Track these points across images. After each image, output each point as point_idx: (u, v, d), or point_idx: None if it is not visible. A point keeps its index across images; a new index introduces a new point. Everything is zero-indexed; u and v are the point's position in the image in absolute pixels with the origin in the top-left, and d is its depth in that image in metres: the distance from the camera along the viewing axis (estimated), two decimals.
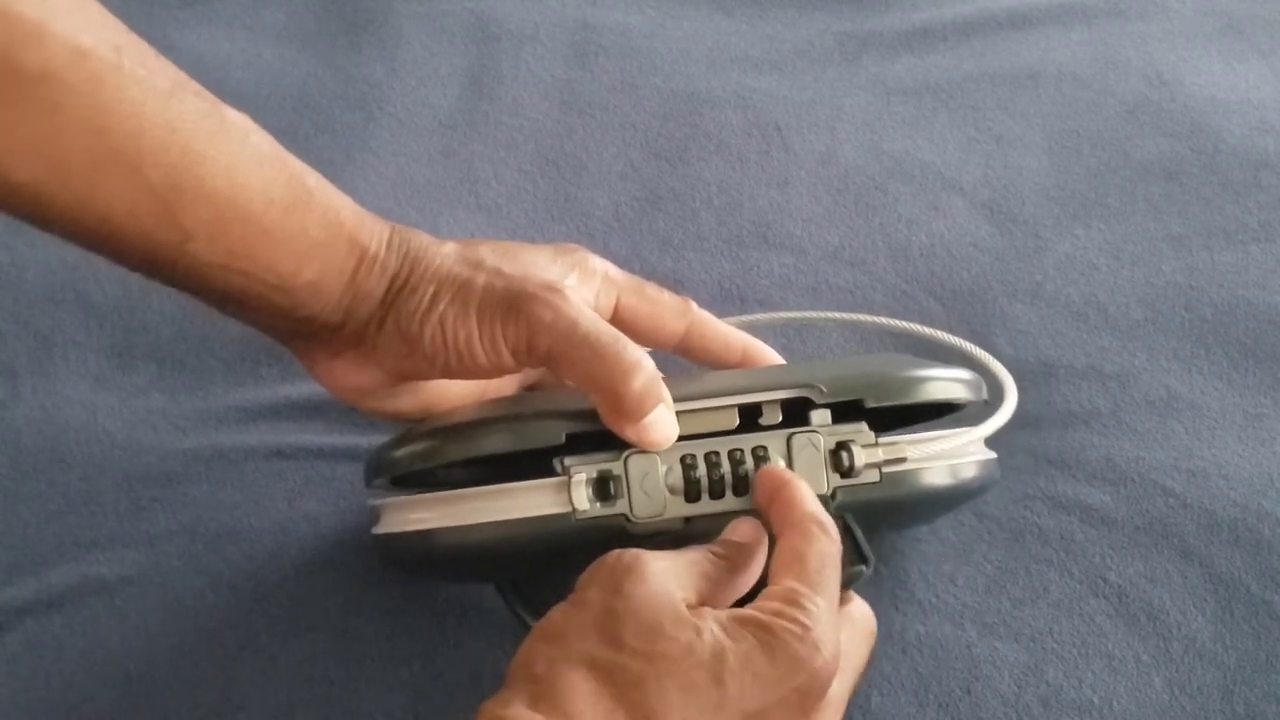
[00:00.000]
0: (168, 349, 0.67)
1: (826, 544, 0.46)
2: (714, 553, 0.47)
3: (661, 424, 0.49)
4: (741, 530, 0.48)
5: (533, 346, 0.50)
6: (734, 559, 0.47)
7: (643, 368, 0.48)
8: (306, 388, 0.63)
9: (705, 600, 0.45)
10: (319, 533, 0.59)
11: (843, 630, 0.46)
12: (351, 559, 0.58)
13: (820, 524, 0.46)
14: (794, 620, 0.43)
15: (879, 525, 0.49)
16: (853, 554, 0.49)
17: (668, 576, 0.44)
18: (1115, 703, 0.52)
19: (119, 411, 0.64)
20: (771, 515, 0.47)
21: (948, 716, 0.52)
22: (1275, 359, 0.65)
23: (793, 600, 0.44)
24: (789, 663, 0.42)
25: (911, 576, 0.57)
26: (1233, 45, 0.83)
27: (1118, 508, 0.59)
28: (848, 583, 0.48)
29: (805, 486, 0.48)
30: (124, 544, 0.58)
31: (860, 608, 0.49)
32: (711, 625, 0.43)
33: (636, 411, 0.48)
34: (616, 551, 0.45)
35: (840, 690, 0.45)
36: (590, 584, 0.45)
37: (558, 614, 0.44)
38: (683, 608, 0.43)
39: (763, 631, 0.43)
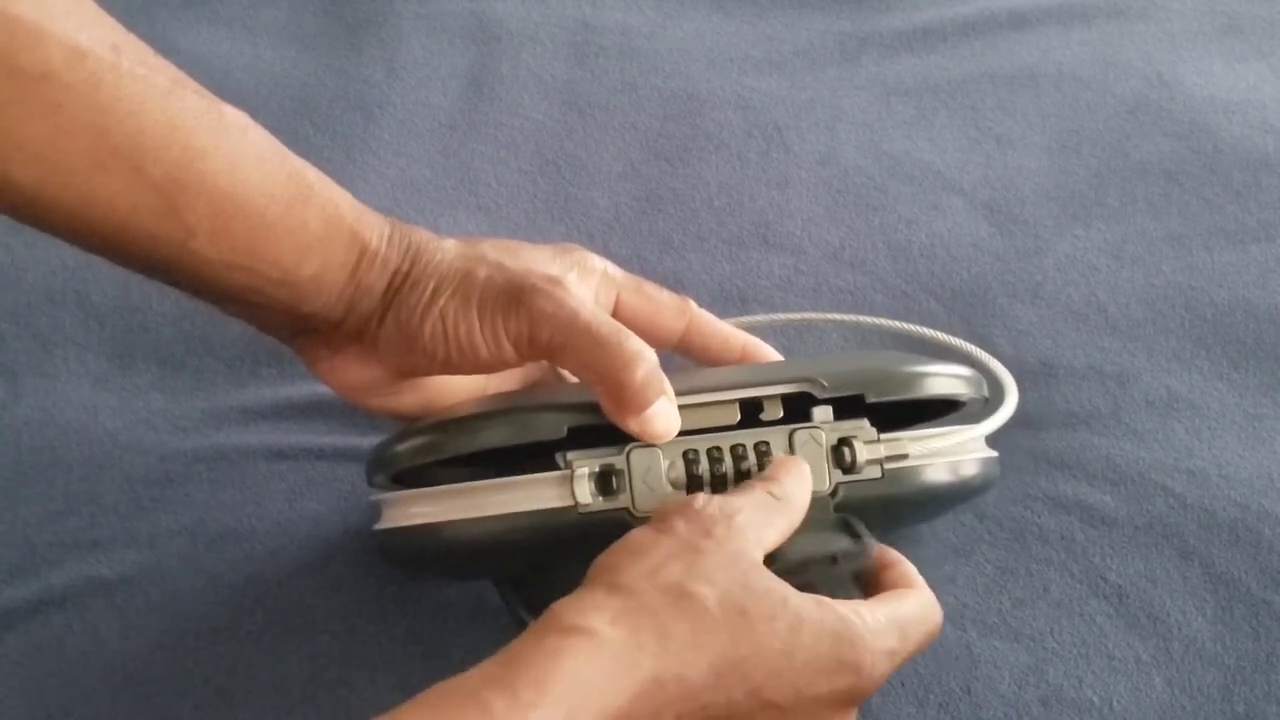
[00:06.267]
0: (168, 349, 0.67)
1: (934, 613, 0.47)
2: (772, 495, 0.47)
3: (663, 416, 0.49)
4: (790, 468, 0.49)
5: (534, 338, 0.50)
6: (788, 512, 0.47)
7: (644, 358, 0.49)
8: (307, 388, 0.63)
9: (768, 550, 0.46)
10: (319, 533, 0.59)
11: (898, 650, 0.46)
12: (351, 559, 0.58)
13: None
14: (876, 633, 0.44)
15: (880, 523, 0.49)
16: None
17: (747, 534, 0.45)
18: (1115, 703, 0.52)
19: (119, 412, 0.64)
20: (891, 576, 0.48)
21: (948, 716, 0.52)
22: (1275, 359, 0.65)
23: (883, 629, 0.44)
24: (849, 660, 0.43)
25: None
26: (1233, 45, 0.83)
27: (1118, 508, 0.59)
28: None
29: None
30: (124, 544, 0.58)
31: (930, 621, 0.48)
32: (793, 597, 0.43)
33: (638, 402, 0.48)
34: (704, 495, 0.46)
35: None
36: (675, 516, 0.45)
37: (641, 534, 0.45)
38: (768, 572, 0.44)
39: (841, 625, 0.43)
